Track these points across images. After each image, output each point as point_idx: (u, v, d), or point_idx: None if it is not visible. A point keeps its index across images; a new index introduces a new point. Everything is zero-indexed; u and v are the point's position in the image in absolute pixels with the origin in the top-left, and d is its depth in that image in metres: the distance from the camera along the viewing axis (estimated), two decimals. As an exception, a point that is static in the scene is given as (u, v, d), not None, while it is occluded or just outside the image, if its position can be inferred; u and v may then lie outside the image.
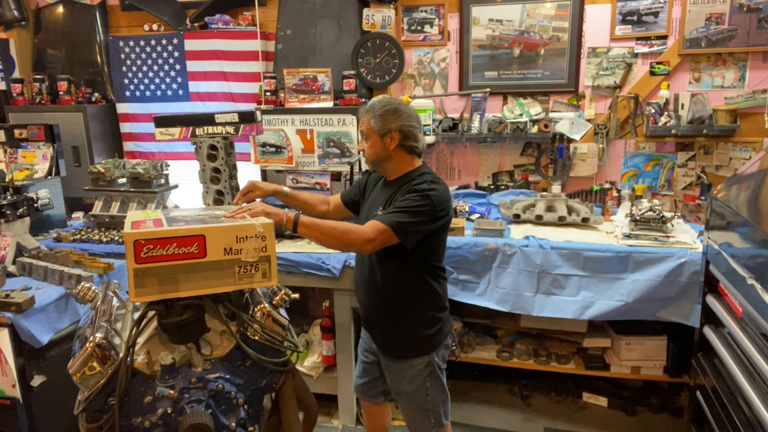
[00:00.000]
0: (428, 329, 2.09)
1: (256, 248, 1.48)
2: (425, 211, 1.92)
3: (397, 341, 2.12)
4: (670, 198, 3.37)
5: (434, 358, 2.11)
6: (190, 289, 1.44)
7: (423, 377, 2.11)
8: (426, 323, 2.08)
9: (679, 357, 2.89)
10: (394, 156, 2.06)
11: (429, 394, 2.13)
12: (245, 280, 1.49)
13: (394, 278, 2.05)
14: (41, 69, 4.17)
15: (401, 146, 2.04)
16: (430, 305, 2.10)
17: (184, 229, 1.42)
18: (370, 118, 2.04)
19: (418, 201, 1.92)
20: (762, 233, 1.68)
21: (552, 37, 3.39)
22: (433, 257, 2.08)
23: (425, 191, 1.94)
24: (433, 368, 2.12)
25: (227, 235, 1.46)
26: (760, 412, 1.63)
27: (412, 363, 2.10)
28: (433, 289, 2.09)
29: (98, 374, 1.40)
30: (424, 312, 2.09)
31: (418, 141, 2.07)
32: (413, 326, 2.08)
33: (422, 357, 2.09)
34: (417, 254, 2.01)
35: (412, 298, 2.07)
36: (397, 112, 2.04)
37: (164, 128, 3.13)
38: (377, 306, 2.13)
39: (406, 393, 2.15)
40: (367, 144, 2.07)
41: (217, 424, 1.42)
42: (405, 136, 2.04)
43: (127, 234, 1.39)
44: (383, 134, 2.02)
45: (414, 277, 2.05)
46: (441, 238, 2.08)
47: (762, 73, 3.14)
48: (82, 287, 1.75)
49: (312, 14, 3.63)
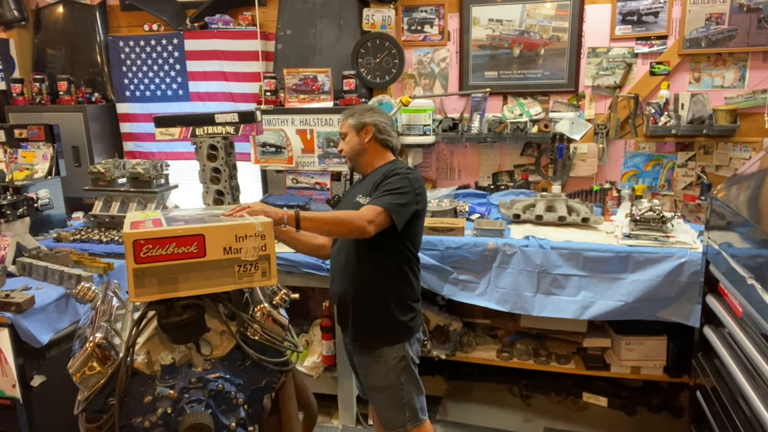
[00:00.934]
0: (402, 316, 2.14)
1: (255, 247, 1.48)
2: (408, 192, 2.05)
3: (371, 330, 2.16)
4: (670, 198, 3.37)
5: (408, 351, 2.15)
6: (190, 289, 1.43)
7: (397, 371, 2.14)
8: (401, 310, 2.14)
9: (679, 357, 2.89)
10: (369, 149, 2.23)
11: (404, 388, 2.15)
12: (245, 279, 1.49)
13: (371, 264, 2.11)
14: (41, 69, 4.17)
15: (375, 139, 2.22)
16: (405, 294, 2.16)
17: (183, 228, 1.41)
18: (349, 118, 2.25)
19: (400, 182, 2.06)
20: (762, 233, 1.68)
21: (552, 37, 3.39)
22: (411, 244, 2.16)
23: (403, 174, 2.09)
24: (407, 363, 2.15)
25: (226, 235, 1.46)
26: (760, 412, 1.63)
27: (385, 357, 2.13)
28: (408, 278, 2.17)
29: (98, 374, 1.40)
30: (399, 299, 2.15)
31: (391, 136, 2.26)
32: (388, 312, 2.12)
33: (396, 348, 2.13)
34: (396, 241, 2.09)
35: (388, 284, 2.14)
36: (371, 110, 2.27)
37: (164, 128, 3.13)
38: (354, 294, 2.16)
39: (380, 387, 2.18)
40: (344, 142, 2.26)
41: (217, 424, 1.42)
42: (379, 130, 2.22)
43: (127, 234, 1.39)
44: (359, 129, 2.21)
45: (391, 264, 2.13)
46: (418, 224, 2.18)
47: (762, 73, 3.14)
48: (82, 287, 1.75)
49: (312, 14, 3.63)
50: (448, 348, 3.23)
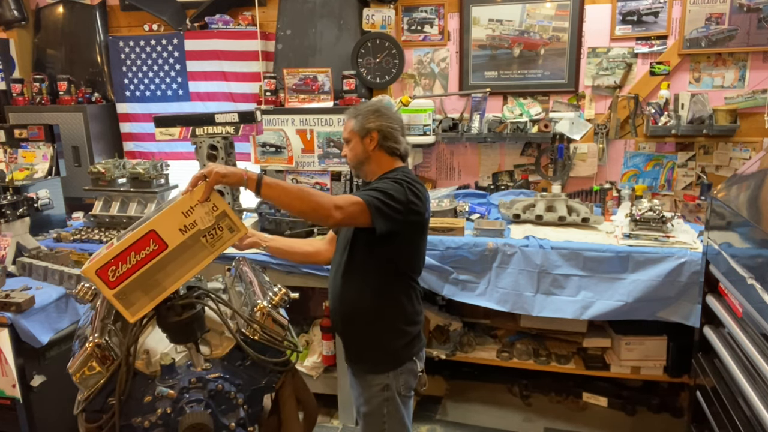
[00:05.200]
0: (392, 343, 1.97)
1: (207, 212, 1.44)
2: (399, 198, 1.83)
3: (361, 353, 2.02)
4: (670, 198, 3.37)
5: (393, 381, 1.96)
6: (176, 281, 1.41)
7: (379, 401, 1.96)
8: (391, 336, 1.97)
9: (679, 357, 2.89)
10: (373, 157, 1.99)
11: (386, 422, 1.97)
12: (218, 244, 1.46)
13: (365, 284, 1.95)
14: (41, 69, 4.17)
15: (380, 147, 1.98)
16: (399, 317, 1.98)
17: (130, 235, 1.39)
18: (352, 120, 2.00)
19: (393, 185, 1.85)
20: (762, 233, 1.68)
21: (552, 37, 3.39)
22: (408, 266, 1.98)
23: (400, 180, 1.88)
24: (391, 393, 1.96)
25: (173, 217, 1.42)
26: (760, 412, 1.63)
27: (370, 382, 1.97)
28: (400, 303, 1.97)
29: (98, 374, 1.39)
30: (392, 324, 1.97)
31: (399, 143, 2.00)
32: (375, 337, 1.97)
33: (380, 376, 1.95)
34: (394, 262, 1.94)
35: (377, 308, 1.96)
36: (377, 113, 1.98)
37: (164, 128, 3.13)
38: (341, 313, 2.02)
39: (363, 414, 2.03)
40: (348, 147, 2.03)
41: (217, 424, 1.42)
42: (384, 137, 1.97)
43: (85, 270, 1.36)
44: (363, 135, 1.97)
45: (383, 286, 1.95)
46: (415, 241, 1.97)
47: (762, 73, 3.14)
48: (82, 287, 1.75)
49: (312, 14, 3.63)
50: (448, 348, 3.23)
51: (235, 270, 1.87)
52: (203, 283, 1.60)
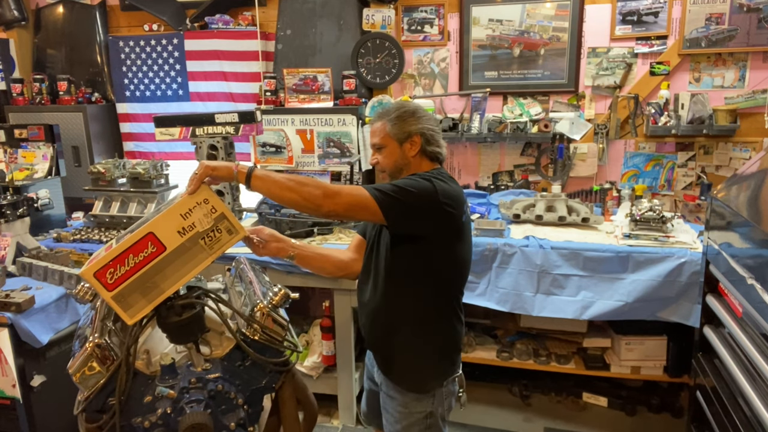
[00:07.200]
0: (435, 361, 1.82)
1: (205, 214, 1.44)
2: (423, 191, 1.61)
3: (403, 372, 1.82)
4: (670, 198, 3.37)
5: (437, 408, 1.80)
6: (174, 284, 1.41)
7: (420, 429, 1.79)
8: (434, 356, 1.82)
9: (679, 357, 2.89)
10: (414, 164, 1.77)
11: None
12: (216, 246, 1.46)
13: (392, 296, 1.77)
14: (41, 69, 4.18)
15: (423, 152, 1.76)
16: (447, 331, 1.83)
17: (129, 237, 1.39)
18: (385, 123, 1.77)
19: (417, 181, 1.64)
20: (762, 233, 1.68)
21: (552, 37, 3.39)
22: (452, 273, 1.77)
23: (428, 177, 1.67)
24: (435, 420, 1.80)
25: (172, 219, 1.41)
26: (760, 412, 1.63)
27: (410, 409, 1.79)
28: (447, 313, 1.81)
29: (98, 374, 1.39)
30: (437, 338, 1.82)
31: (441, 146, 1.80)
32: (422, 352, 1.80)
33: (423, 400, 1.79)
34: (433, 269, 1.74)
35: (428, 319, 1.79)
36: (416, 114, 1.77)
37: (164, 128, 3.14)
38: (389, 325, 1.81)
39: None
40: (381, 155, 1.78)
41: (217, 425, 1.42)
42: (427, 141, 1.76)
43: (84, 272, 1.36)
44: (402, 140, 1.75)
45: (431, 297, 1.77)
46: (455, 250, 1.73)
47: (762, 73, 3.14)
48: (82, 287, 1.75)
49: (312, 14, 3.63)
50: (448, 348, 3.23)
51: (235, 270, 1.87)
52: (203, 283, 1.60)
